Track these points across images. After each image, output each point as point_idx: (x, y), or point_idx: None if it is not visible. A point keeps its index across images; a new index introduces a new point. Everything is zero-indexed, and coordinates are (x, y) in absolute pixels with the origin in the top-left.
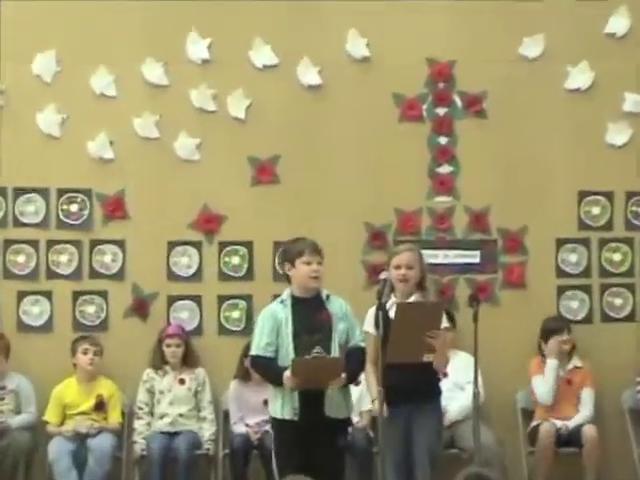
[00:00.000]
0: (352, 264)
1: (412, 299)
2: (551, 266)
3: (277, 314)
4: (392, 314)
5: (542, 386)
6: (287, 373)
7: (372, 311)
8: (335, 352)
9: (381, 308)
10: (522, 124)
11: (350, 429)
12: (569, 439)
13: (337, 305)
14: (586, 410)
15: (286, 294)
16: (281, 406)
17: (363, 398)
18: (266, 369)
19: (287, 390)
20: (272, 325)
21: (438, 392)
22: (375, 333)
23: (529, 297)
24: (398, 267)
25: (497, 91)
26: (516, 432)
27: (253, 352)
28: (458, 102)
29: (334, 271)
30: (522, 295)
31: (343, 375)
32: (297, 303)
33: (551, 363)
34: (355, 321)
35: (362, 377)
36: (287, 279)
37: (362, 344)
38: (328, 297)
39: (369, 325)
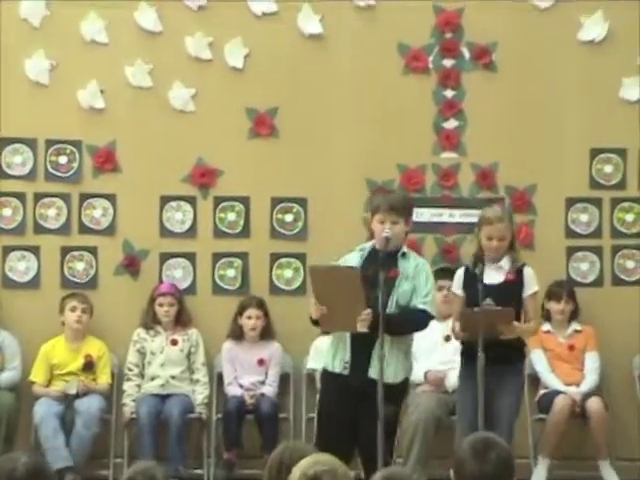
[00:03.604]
0: (353, 222)
1: (501, 263)
2: (560, 226)
3: (348, 262)
4: (486, 279)
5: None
6: (311, 299)
7: (460, 272)
8: (391, 310)
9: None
10: (532, 77)
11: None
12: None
13: (411, 264)
14: (591, 376)
15: (370, 244)
16: (332, 357)
17: None
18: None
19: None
20: None
21: (522, 356)
22: (461, 294)
23: (537, 258)
24: (490, 239)
25: (507, 42)
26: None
27: None
28: (466, 53)
29: (334, 228)
30: (530, 256)
31: (368, 310)
32: (372, 255)
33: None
34: (424, 283)
35: None
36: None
37: (422, 306)
38: (404, 254)
39: (456, 286)
